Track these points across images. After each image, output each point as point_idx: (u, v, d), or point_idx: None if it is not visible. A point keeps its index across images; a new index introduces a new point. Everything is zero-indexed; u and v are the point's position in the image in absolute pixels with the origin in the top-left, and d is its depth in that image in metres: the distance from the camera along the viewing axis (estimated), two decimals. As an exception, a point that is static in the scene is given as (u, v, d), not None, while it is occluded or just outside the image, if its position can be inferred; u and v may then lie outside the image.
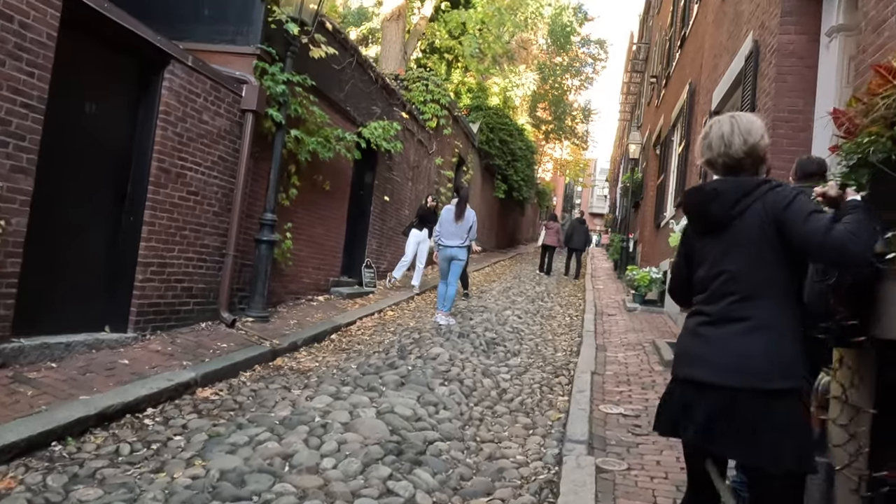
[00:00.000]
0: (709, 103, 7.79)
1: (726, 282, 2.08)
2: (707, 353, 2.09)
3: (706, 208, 2.13)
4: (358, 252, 10.01)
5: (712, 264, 2.13)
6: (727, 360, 2.02)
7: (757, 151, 2.12)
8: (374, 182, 10.20)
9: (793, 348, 2.02)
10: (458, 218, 8.00)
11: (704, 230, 2.17)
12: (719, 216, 2.08)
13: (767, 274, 2.04)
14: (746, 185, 2.06)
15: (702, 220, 2.19)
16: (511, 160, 20.84)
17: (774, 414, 1.96)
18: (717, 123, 2.17)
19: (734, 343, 2.03)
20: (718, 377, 2.02)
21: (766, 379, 1.96)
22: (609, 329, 8.51)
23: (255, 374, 5.23)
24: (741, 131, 2.10)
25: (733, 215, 2.05)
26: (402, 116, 10.95)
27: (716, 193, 2.09)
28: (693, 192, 2.29)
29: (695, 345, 2.15)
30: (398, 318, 8.36)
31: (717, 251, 2.12)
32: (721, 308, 2.08)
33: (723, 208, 2.06)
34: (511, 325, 8.37)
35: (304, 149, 7.23)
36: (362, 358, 6.04)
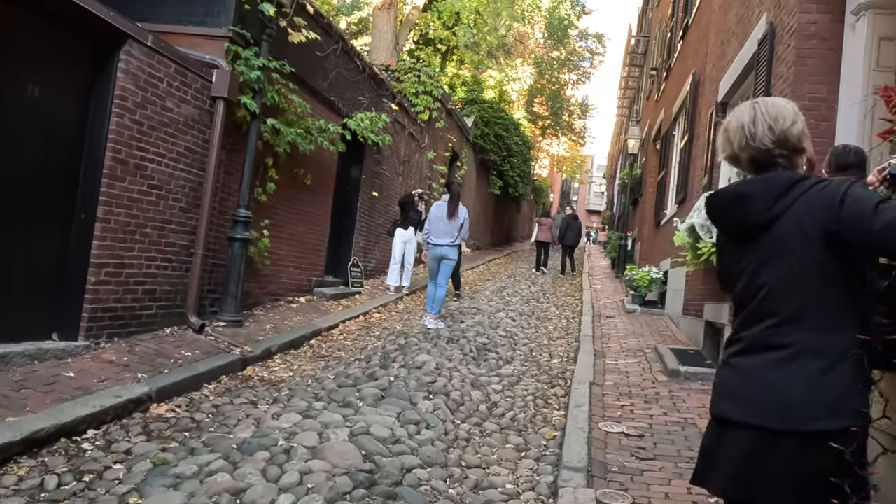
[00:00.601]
0: (715, 94, 7.33)
1: (765, 299, 1.66)
2: (738, 385, 1.68)
3: (733, 215, 1.73)
4: (344, 250, 9.53)
5: (750, 279, 1.70)
6: (759, 394, 1.62)
7: (789, 140, 1.70)
8: (362, 176, 9.71)
9: (846, 379, 1.58)
10: (450, 216, 7.52)
11: (737, 238, 1.75)
12: (749, 224, 1.67)
13: (813, 288, 1.61)
14: (780, 184, 1.64)
15: (730, 228, 1.79)
16: (507, 155, 20.36)
17: (819, 463, 1.54)
18: (736, 112, 1.78)
19: (769, 374, 1.62)
20: (750, 416, 1.62)
21: (809, 419, 1.54)
22: (608, 333, 8.05)
23: (220, 387, 4.75)
24: (766, 118, 1.70)
25: (768, 221, 1.63)
26: (391, 108, 10.45)
27: (742, 198, 1.69)
28: (716, 197, 1.84)
29: (728, 377, 1.74)
30: (385, 321, 7.88)
31: (754, 263, 1.69)
32: (757, 332, 1.66)
33: (753, 214, 1.66)
34: (504, 329, 7.90)
35: (282, 140, 6.74)
36: (341, 367, 5.57)
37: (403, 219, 9.72)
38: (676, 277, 8.96)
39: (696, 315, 7.11)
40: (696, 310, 7.13)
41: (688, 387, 5.42)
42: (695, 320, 7.23)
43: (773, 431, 1.57)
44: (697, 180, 7.93)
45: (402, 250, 9.66)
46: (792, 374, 1.58)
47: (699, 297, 7.04)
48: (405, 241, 9.57)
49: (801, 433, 1.54)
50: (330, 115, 8.15)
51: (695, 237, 5.83)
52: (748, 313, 1.70)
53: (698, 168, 8.00)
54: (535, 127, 31.62)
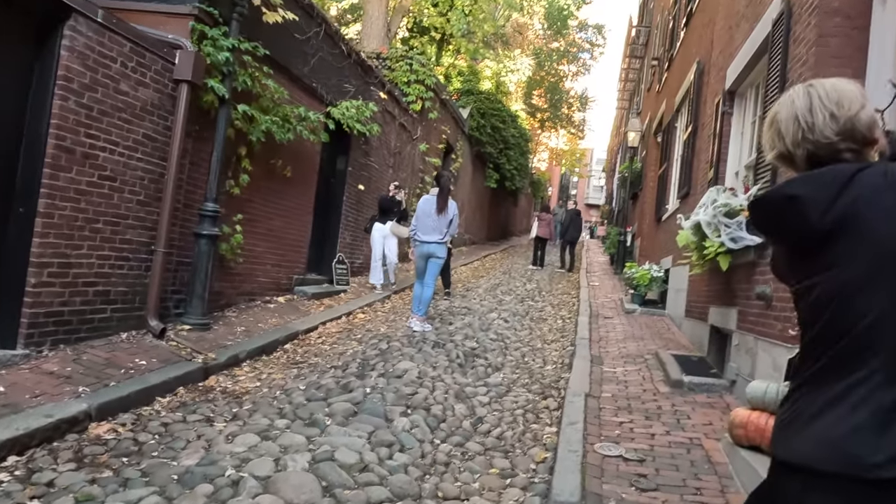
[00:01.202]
0: (721, 82, 6.84)
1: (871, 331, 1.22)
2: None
3: (785, 225, 1.36)
4: (329, 246, 9.05)
5: (841, 304, 1.26)
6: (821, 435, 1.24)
7: (857, 129, 1.32)
8: (348, 169, 9.22)
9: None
10: (440, 210, 7.04)
11: (800, 250, 1.33)
12: (806, 234, 1.29)
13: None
14: (837, 177, 1.26)
15: (787, 240, 1.40)
16: (503, 148, 19.86)
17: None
18: (786, 99, 1.41)
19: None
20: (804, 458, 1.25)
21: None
22: (605, 335, 7.59)
23: (174, 401, 4.28)
24: (827, 103, 1.33)
25: (832, 223, 1.23)
26: (380, 97, 9.96)
27: (791, 200, 1.30)
28: (762, 203, 1.42)
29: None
30: (368, 323, 7.42)
31: (836, 282, 1.26)
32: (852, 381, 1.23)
33: (807, 222, 1.27)
34: (495, 331, 7.44)
35: (256, 128, 6.26)
36: (315, 375, 5.10)
37: (381, 214, 9.22)
38: (678, 276, 8.50)
39: (701, 318, 6.66)
40: (700, 312, 6.68)
41: (692, 399, 4.96)
42: (699, 323, 6.77)
43: (822, 475, 1.21)
44: (702, 174, 7.46)
45: (383, 246, 9.18)
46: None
47: (704, 300, 6.58)
48: (384, 235, 9.08)
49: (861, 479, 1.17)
50: (311, 102, 7.65)
51: (700, 236, 5.37)
52: (835, 358, 1.26)
53: (703, 161, 7.52)
54: (533, 120, 31.12)
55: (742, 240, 4.78)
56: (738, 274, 5.16)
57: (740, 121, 6.43)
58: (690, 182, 8.37)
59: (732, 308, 5.32)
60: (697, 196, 7.56)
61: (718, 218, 4.94)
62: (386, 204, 9.05)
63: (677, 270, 8.64)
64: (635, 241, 16.09)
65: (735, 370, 5.06)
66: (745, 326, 4.93)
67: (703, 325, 6.53)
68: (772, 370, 4.19)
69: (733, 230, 4.85)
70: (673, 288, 8.96)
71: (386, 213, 9.10)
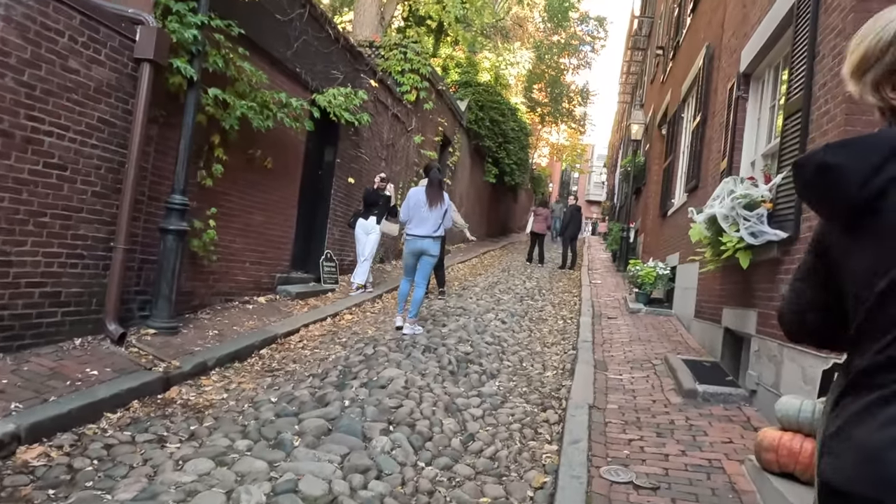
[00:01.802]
0: (735, 65, 6.34)
1: None
2: None
3: (818, 195, 1.11)
4: (316, 243, 8.56)
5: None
6: None
7: None
8: (336, 160, 8.72)
9: None
10: (432, 205, 6.52)
11: (849, 223, 1.05)
12: (843, 207, 1.04)
13: None
14: (883, 145, 1.01)
15: (825, 213, 1.14)
16: (503, 142, 19.34)
17: None
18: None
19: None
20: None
21: None
22: (610, 338, 7.10)
23: (126, 417, 3.79)
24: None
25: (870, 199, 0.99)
26: (371, 85, 9.45)
27: (825, 170, 1.05)
28: (798, 170, 1.13)
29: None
30: (356, 324, 6.93)
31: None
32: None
33: (844, 193, 1.02)
34: (492, 333, 6.94)
35: (231, 115, 5.75)
36: (290, 385, 4.61)
37: (366, 208, 8.65)
38: (686, 274, 8.01)
39: (712, 320, 6.16)
40: (712, 314, 6.18)
41: (708, 412, 4.47)
42: (710, 325, 6.28)
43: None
44: (713, 165, 6.96)
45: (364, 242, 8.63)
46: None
47: (716, 300, 6.09)
48: (368, 231, 8.45)
49: None
50: (294, 88, 7.15)
51: (716, 230, 4.87)
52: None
53: (714, 152, 7.02)
54: (534, 114, 30.57)
55: (763, 234, 4.28)
56: (759, 272, 4.67)
57: (756, 106, 5.93)
58: (699, 174, 7.87)
59: (751, 310, 4.82)
60: (708, 189, 7.07)
61: (737, 210, 4.44)
62: (371, 197, 8.48)
63: (685, 268, 8.14)
64: (638, 238, 15.59)
65: (755, 379, 4.56)
66: (766, 331, 4.43)
67: (715, 327, 6.04)
68: (801, 382, 3.70)
69: (753, 224, 4.35)
70: (680, 286, 8.47)
71: (371, 207, 8.52)
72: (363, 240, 8.37)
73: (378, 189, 8.48)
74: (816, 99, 3.92)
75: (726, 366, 5.58)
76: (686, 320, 7.70)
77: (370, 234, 8.42)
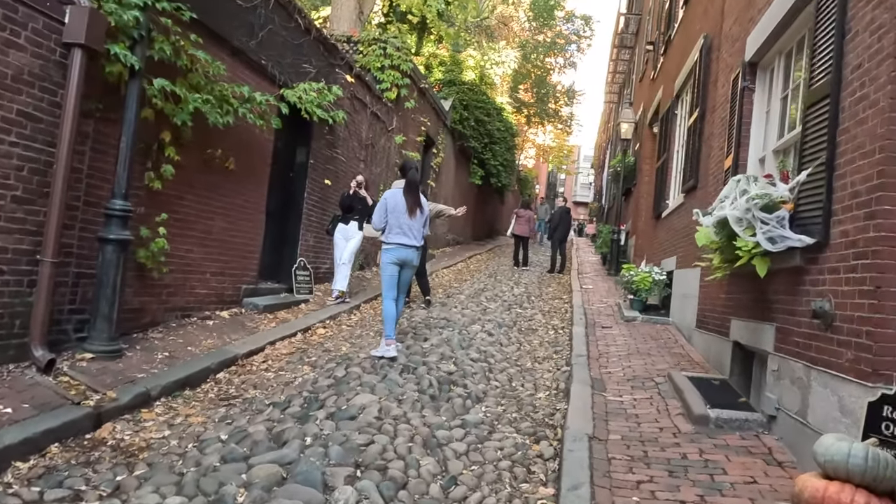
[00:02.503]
0: (739, 54, 5.83)
1: None
2: None
3: None
4: (288, 250, 7.94)
5: None
6: None
7: None
8: (310, 161, 8.10)
9: None
10: (412, 211, 5.78)
11: None
12: None
13: None
14: None
15: None
16: (488, 142, 18.79)
17: None
18: None
19: None
20: None
21: None
22: (606, 351, 6.55)
23: (40, 465, 3.17)
24: None
25: None
26: (347, 80, 8.85)
27: None
28: None
29: None
30: (329, 340, 6.32)
31: None
32: None
33: None
34: (478, 348, 6.37)
35: (183, 109, 5.14)
36: (245, 418, 4.01)
37: (343, 213, 8.09)
38: (685, 280, 7.49)
39: (718, 332, 5.63)
40: (718, 325, 5.65)
41: (723, 441, 3.92)
42: (715, 338, 5.75)
43: None
44: (714, 163, 6.44)
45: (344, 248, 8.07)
46: None
47: (722, 310, 5.56)
48: (347, 237, 7.89)
49: None
50: (260, 82, 6.55)
51: (727, 234, 4.33)
52: None
53: (715, 149, 6.50)
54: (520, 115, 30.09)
55: (784, 240, 3.74)
56: (777, 282, 4.13)
57: (765, 98, 5.41)
58: (697, 173, 7.36)
59: (767, 324, 4.29)
60: (708, 189, 6.56)
61: (753, 212, 3.90)
62: (347, 202, 7.90)
63: (684, 273, 7.63)
64: (629, 240, 15.11)
65: (774, 402, 4.02)
66: (787, 349, 3.90)
67: (721, 340, 5.50)
68: (837, 413, 3.15)
69: (772, 227, 3.81)
70: (678, 293, 7.95)
71: (349, 212, 7.95)
72: (342, 245, 7.80)
73: (354, 193, 7.90)
74: (849, 83, 3.38)
75: (736, 383, 5.05)
76: (686, 330, 7.17)
77: (350, 240, 7.83)
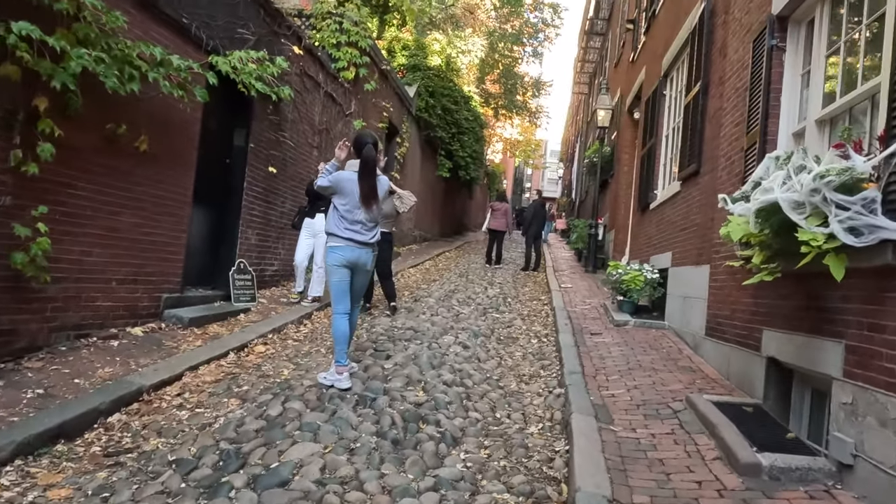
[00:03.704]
0: (762, 8, 4.86)
1: None
2: None
3: None
4: (225, 250, 6.74)
5: None
6: None
7: None
8: (250, 146, 6.89)
9: None
10: (367, 200, 4.54)
11: None
12: None
13: None
14: None
15: None
16: (456, 132, 17.71)
17: None
18: None
19: None
20: None
21: None
22: (601, 364, 5.54)
23: None
24: None
25: None
26: (294, 53, 7.66)
27: None
28: None
29: None
30: (269, 360, 5.15)
31: None
32: None
33: None
34: (452, 366, 5.28)
35: (66, 69, 3.92)
36: (129, 489, 2.85)
37: (312, 206, 7.02)
38: (686, 280, 6.54)
39: (742, 344, 4.65)
40: (742, 336, 4.68)
41: (784, 502, 2.92)
42: (737, 351, 4.77)
43: None
44: (727, 142, 5.48)
45: (310, 248, 6.99)
46: None
47: (747, 317, 4.58)
48: (315, 232, 6.87)
49: None
50: (182, 45, 5.35)
51: (776, 224, 3.34)
52: None
53: (727, 125, 5.53)
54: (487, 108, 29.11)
55: (875, 231, 2.74)
56: (848, 286, 3.14)
57: (799, 58, 4.44)
58: (700, 156, 6.41)
59: (829, 341, 3.30)
60: (718, 173, 5.60)
61: (825, 194, 2.90)
62: (313, 190, 6.76)
63: (684, 272, 6.68)
64: (607, 235, 14.22)
65: (849, 447, 3.03)
66: (869, 377, 2.91)
67: (747, 354, 4.53)
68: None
69: (855, 214, 2.81)
70: (676, 294, 6.99)
71: (317, 201, 6.81)
72: (309, 243, 6.74)
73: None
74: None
75: (773, 409, 4.07)
76: (690, 337, 6.21)
77: (318, 236, 6.68)
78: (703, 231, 6.01)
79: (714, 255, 5.48)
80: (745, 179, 4.77)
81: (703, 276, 5.84)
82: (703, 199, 6.13)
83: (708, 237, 5.81)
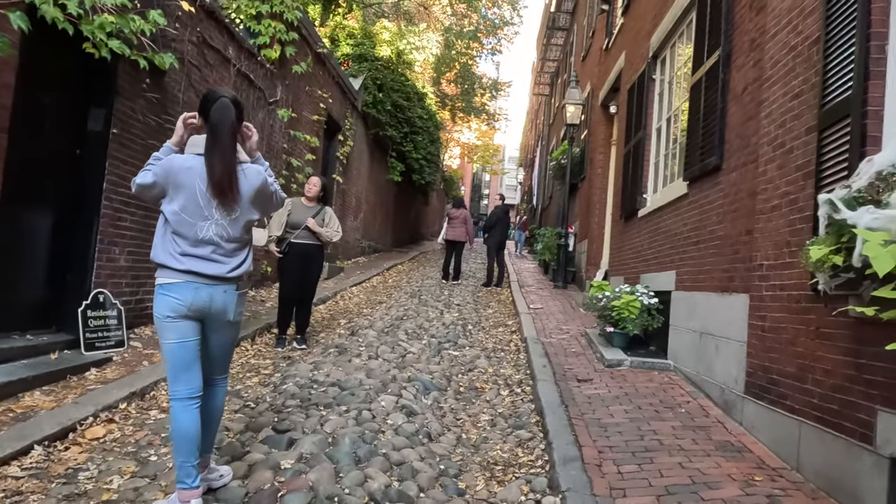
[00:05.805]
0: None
1: None
2: None
3: None
4: (73, 278, 4.82)
5: None
6: None
7: None
8: (112, 131, 4.98)
9: None
10: (221, 192, 2.65)
11: None
12: None
13: None
14: None
15: None
16: (409, 132, 15.98)
17: None
18: None
19: None
20: None
21: None
22: (606, 443, 3.86)
23: None
24: None
25: None
26: (184, 10, 5.79)
27: None
28: None
29: None
30: (101, 456, 3.28)
31: None
32: None
33: None
34: (388, 458, 3.51)
35: None
36: None
37: None
38: (701, 309, 4.96)
39: (831, 425, 3.03)
40: (829, 413, 3.06)
41: None
42: (821, 433, 3.15)
43: None
44: (778, 121, 3.89)
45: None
46: None
47: (845, 385, 2.96)
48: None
49: None
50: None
51: None
52: None
53: (778, 98, 3.94)
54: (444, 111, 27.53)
55: None
56: None
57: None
58: (722, 146, 4.84)
59: None
60: (760, 167, 4.02)
61: None
62: None
63: (698, 300, 5.09)
64: (577, 245, 12.70)
65: None
66: None
67: (839, 442, 2.92)
68: None
69: None
70: (685, 327, 5.40)
71: None
72: None
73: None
74: None
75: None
76: (716, 391, 4.60)
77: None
78: (733, 247, 4.43)
79: (760, 281, 3.89)
80: (820, 172, 3.21)
81: (736, 309, 4.25)
82: (731, 204, 4.56)
83: (743, 256, 4.23)
